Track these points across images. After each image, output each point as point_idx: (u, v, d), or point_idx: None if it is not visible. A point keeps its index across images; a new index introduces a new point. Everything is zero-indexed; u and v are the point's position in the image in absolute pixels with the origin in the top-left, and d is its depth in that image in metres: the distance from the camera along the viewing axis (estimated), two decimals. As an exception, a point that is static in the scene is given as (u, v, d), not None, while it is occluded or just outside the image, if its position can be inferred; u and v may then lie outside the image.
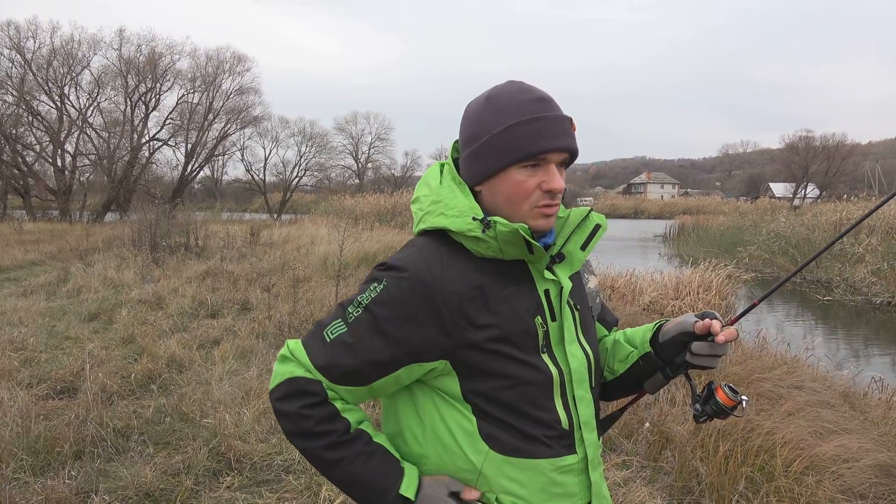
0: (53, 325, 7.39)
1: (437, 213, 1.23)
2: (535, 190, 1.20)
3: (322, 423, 1.18)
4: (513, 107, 1.20)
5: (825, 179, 54.23)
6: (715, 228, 26.89)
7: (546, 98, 1.23)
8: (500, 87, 1.26)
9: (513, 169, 1.20)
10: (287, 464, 3.82)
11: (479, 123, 1.23)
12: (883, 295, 13.03)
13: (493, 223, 1.17)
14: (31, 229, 22.94)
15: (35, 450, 3.80)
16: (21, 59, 34.82)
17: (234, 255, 13.62)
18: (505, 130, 1.19)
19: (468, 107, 1.29)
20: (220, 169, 50.29)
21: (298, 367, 1.21)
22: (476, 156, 1.23)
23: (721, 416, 1.32)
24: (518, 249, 1.20)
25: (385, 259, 1.25)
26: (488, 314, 1.18)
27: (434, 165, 1.34)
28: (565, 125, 1.22)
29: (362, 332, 1.18)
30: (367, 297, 1.19)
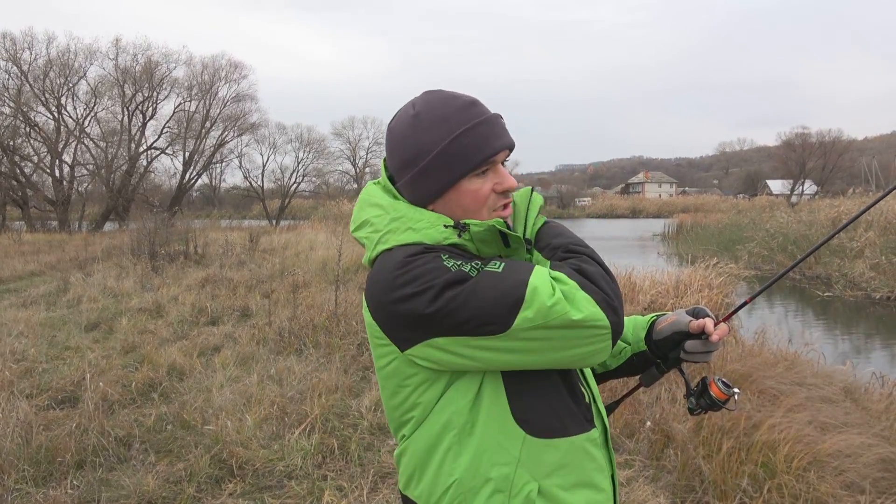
0: (54, 336, 7.38)
1: (402, 230, 1.18)
2: (490, 194, 1.20)
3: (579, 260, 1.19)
4: (447, 118, 1.17)
5: (822, 176, 54.26)
6: (713, 226, 26.88)
7: (475, 101, 1.22)
8: (425, 101, 1.22)
9: (465, 180, 1.18)
10: (289, 469, 3.81)
11: (416, 143, 1.18)
12: (882, 289, 13.03)
13: (467, 225, 1.16)
14: (30, 240, 22.91)
15: (36, 460, 3.80)
16: (17, 71, 34.88)
17: (233, 262, 13.62)
18: (451, 143, 1.16)
19: (394, 128, 1.24)
20: (218, 176, 50.36)
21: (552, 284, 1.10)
22: (423, 175, 1.18)
23: (715, 409, 1.37)
24: (494, 246, 1.20)
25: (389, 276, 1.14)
26: None
27: (370, 186, 1.30)
28: (501, 121, 1.23)
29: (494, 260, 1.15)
30: (458, 263, 1.11)
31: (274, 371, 5.58)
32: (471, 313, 1.07)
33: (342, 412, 4.64)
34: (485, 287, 1.07)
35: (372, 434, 4.32)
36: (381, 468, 3.81)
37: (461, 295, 1.07)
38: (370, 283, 1.18)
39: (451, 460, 1.17)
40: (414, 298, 1.09)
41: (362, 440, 4.20)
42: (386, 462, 3.87)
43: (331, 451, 4.02)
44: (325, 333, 6.78)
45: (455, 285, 1.08)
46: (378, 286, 1.15)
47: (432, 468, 1.19)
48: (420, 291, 1.08)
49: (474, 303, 1.07)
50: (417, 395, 1.20)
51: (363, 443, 4.18)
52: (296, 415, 4.51)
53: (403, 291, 1.10)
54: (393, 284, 1.11)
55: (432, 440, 1.19)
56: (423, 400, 1.19)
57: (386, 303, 1.13)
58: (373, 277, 1.18)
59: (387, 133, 1.26)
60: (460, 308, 1.07)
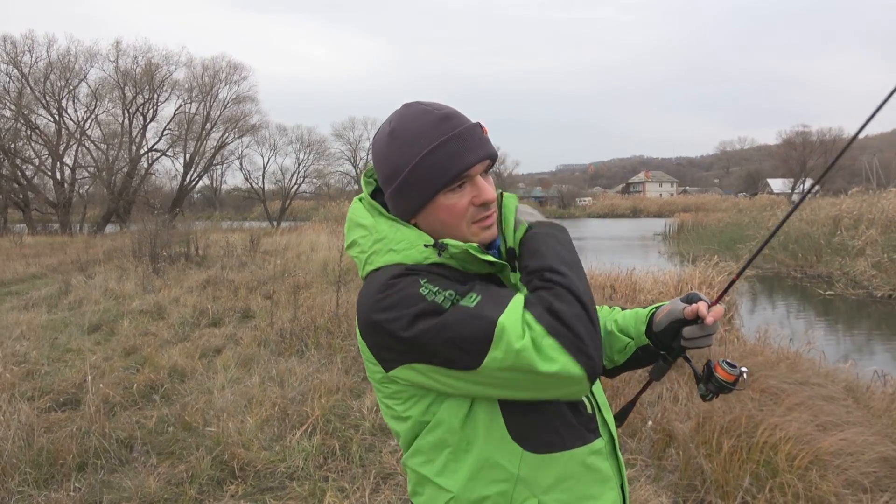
0: (55, 338, 7.39)
1: (384, 252, 1.19)
2: (468, 207, 1.20)
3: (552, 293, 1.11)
4: (419, 135, 1.17)
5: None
6: (714, 226, 26.88)
7: (450, 114, 1.20)
8: (400, 117, 1.22)
9: (440, 196, 1.18)
10: (290, 470, 3.82)
11: (390, 161, 1.20)
12: (884, 288, 13.01)
13: (445, 245, 1.15)
14: (31, 243, 22.95)
15: (38, 462, 3.80)
16: (18, 74, 34.91)
17: (234, 263, 13.63)
18: (420, 162, 1.16)
19: (375, 143, 1.26)
20: (219, 178, 50.43)
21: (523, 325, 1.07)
22: (399, 193, 1.20)
23: (725, 391, 1.36)
24: (478, 265, 1.19)
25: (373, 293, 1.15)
26: None
27: (354, 202, 1.31)
28: (477, 133, 1.20)
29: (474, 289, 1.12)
30: (435, 290, 1.10)
31: (275, 372, 5.58)
32: (441, 348, 1.08)
33: (343, 413, 4.64)
34: (455, 322, 1.07)
35: (373, 435, 4.32)
36: (382, 469, 3.81)
37: (433, 328, 1.08)
38: (358, 304, 1.20)
39: (447, 477, 1.19)
40: (391, 323, 1.10)
41: (364, 441, 4.20)
42: (388, 463, 3.87)
43: (332, 452, 4.02)
44: (327, 334, 6.79)
45: (427, 316, 1.08)
46: (363, 307, 1.16)
47: (430, 484, 1.21)
48: (395, 318, 1.10)
49: (445, 336, 1.07)
50: (405, 409, 1.21)
51: (365, 444, 4.18)
52: (297, 416, 4.51)
53: (382, 316, 1.11)
54: (375, 307, 1.13)
55: (428, 456, 1.21)
56: (413, 414, 1.20)
57: (369, 325, 1.15)
58: (360, 298, 1.19)
59: (371, 147, 1.28)
60: (432, 341, 1.08)
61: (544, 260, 1.16)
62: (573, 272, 1.14)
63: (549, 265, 1.14)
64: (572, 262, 1.16)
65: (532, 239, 1.21)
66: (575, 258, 1.18)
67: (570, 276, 1.12)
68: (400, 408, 1.21)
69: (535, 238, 1.21)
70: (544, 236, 1.21)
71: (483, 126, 1.23)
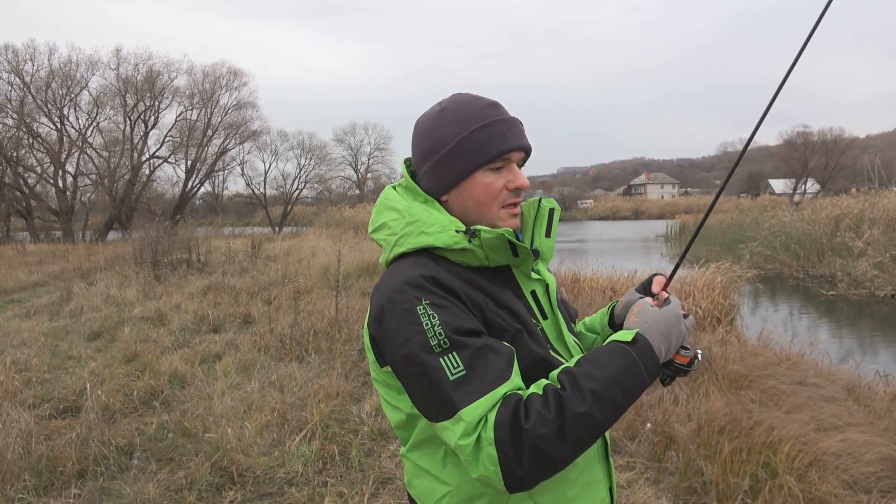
0: (56, 345, 7.40)
1: (416, 234, 1.22)
2: (502, 190, 1.25)
3: (547, 411, 1.05)
4: (470, 114, 1.25)
5: (825, 174, 54.14)
6: (716, 227, 26.82)
7: (497, 103, 1.29)
8: (451, 100, 1.30)
9: (479, 172, 1.24)
10: (290, 476, 3.81)
11: (437, 133, 1.26)
12: (886, 288, 12.97)
13: (477, 231, 1.19)
14: (33, 250, 22.99)
15: (38, 470, 3.80)
16: (20, 82, 34.98)
17: (235, 269, 13.64)
18: (469, 136, 1.23)
19: (420, 122, 1.32)
20: (220, 184, 50.35)
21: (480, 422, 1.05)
22: (440, 165, 1.25)
23: (681, 374, 1.36)
24: (503, 255, 1.23)
25: (385, 290, 1.19)
26: (501, 319, 1.19)
27: (387, 190, 1.34)
28: (519, 125, 1.28)
29: (466, 343, 1.10)
30: (431, 323, 1.11)
31: (275, 378, 5.58)
32: (412, 390, 1.15)
33: (343, 418, 4.64)
34: (431, 381, 1.09)
35: (373, 440, 4.32)
36: (381, 474, 3.80)
37: (411, 371, 1.12)
38: (376, 289, 1.23)
39: (446, 471, 1.21)
40: (385, 333, 1.16)
41: (363, 446, 4.20)
42: (387, 468, 3.86)
43: (331, 457, 4.02)
44: (327, 339, 6.79)
45: (409, 359, 1.11)
46: (379, 297, 1.20)
47: (428, 476, 1.24)
48: (390, 333, 1.15)
49: (417, 384, 1.12)
50: (398, 401, 1.25)
51: (364, 448, 4.18)
52: (296, 421, 4.51)
53: (384, 320, 1.17)
54: (384, 307, 1.17)
55: (427, 450, 1.24)
56: (404, 407, 1.23)
57: (375, 320, 1.20)
58: (381, 285, 1.23)
59: (413, 128, 1.33)
60: (408, 380, 1.15)
61: (594, 369, 1.11)
62: (598, 408, 1.07)
63: (588, 375, 1.10)
64: (611, 400, 1.08)
65: (618, 344, 1.17)
66: (619, 399, 1.10)
67: (589, 408, 1.06)
68: (392, 398, 1.25)
69: (621, 350, 1.16)
70: (628, 360, 1.14)
71: (522, 124, 1.31)
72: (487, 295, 1.20)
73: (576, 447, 1.06)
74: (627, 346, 1.14)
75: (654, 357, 1.16)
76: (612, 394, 1.08)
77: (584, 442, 1.07)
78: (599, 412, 1.06)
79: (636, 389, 1.12)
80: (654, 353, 1.16)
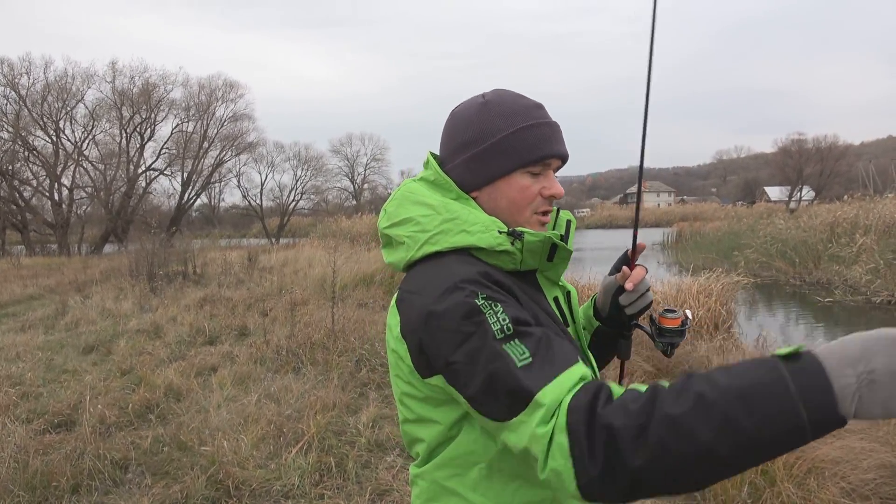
0: (51, 359, 7.36)
1: (456, 232, 1.13)
2: (537, 196, 1.21)
3: (634, 402, 0.86)
4: (517, 111, 1.20)
5: (820, 181, 54.40)
6: (712, 234, 26.89)
7: (542, 105, 1.24)
8: (495, 93, 1.24)
9: (518, 173, 1.19)
10: (286, 489, 3.79)
11: (479, 125, 1.20)
12: (882, 293, 13.01)
13: (522, 234, 1.14)
14: (29, 264, 22.93)
15: (32, 485, 3.77)
16: (16, 96, 35.10)
17: (231, 281, 13.62)
18: (514, 133, 1.17)
19: (459, 112, 1.25)
20: (216, 196, 50.45)
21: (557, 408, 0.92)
22: (479, 159, 1.19)
23: (677, 337, 1.35)
24: (538, 259, 1.19)
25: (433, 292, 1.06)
26: (548, 318, 1.15)
27: (412, 183, 1.24)
28: (560, 131, 1.24)
29: (530, 332, 1.01)
30: (493, 312, 1.01)
31: (273, 389, 5.55)
32: (475, 392, 1.00)
33: (339, 429, 4.62)
34: (498, 372, 0.97)
35: (370, 451, 4.29)
36: (378, 486, 3.78)
37: (474, 368, 0.99)
38: (409, 293, 1.12)
39: (480, 493, 1.11)
40: (439, 334, 1.04)
41: (360, 457, 4.18)
42: (384, 479, 3.84)
43: (328, 469, 4.00)
44: (323, 351, 6.76)
45: (473, 354, 1.00)
46: (419, 302, 1.08)
47: (454, 497, 1.13)
48: (446, 333, 1.03)
49: (482, 381, 0.99)
50: (435, 414, 1.13)
51: (361, 460, 4.15)
52: (293, 433, 4.48)
53: (435, 321, 1.04)
54: (432, 309, 1.05)
55: (456, 470, 1.12)
56: (443, 420, 1.12)
57: (422, 324, 1.06)
58: (416, 288, 1.11)
59: (449, 118, 1.26)
60: (470, 380, 1.00)
61: (717, 374, 0.84)
62: (701, 417, 0.80)
63: (707, 379, 0.84)
64: (723, 413, 0.79)
65: (771, 358, 0.82)
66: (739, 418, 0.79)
67: (686, 412, 0.81)
68: (430, 412, 1.12)
69: (768, 363, 0.82)
70: (771, 376, 0.80)
71: None
72: (529, 297, 1.15)
73: (660, 460, 0.81)
74: (779, 360, 0.81)
75: (823, 388, 0.77)
76: (727, 406, 0.79)
77: (672, 456, 0.81)
78: (701, 423, 0.79)
79: (772, 419, 0.77)
80: (826, 383, 0.77)
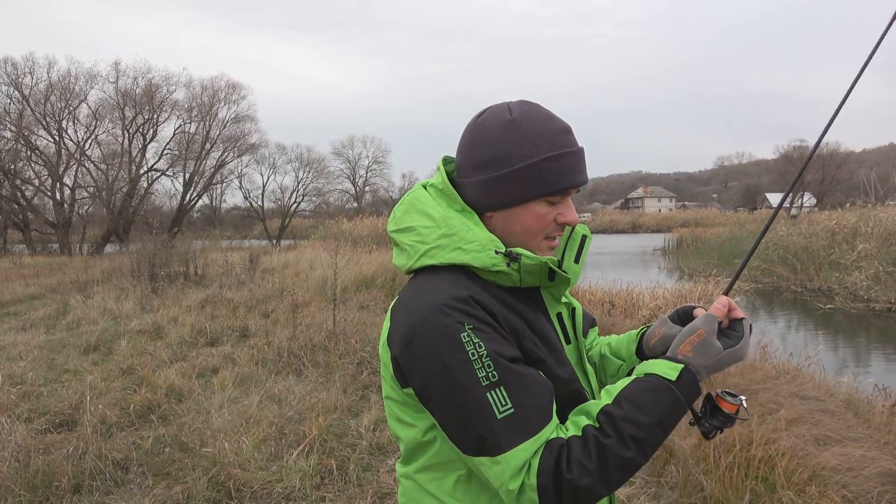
0: (53, 359, 7.36)
1: (451, 248, 1.14)
2: (551, 222, 1.19)
3: (588, 459, 1.02)
4: (545, 137, 1.16)
5: (821, 188, 54.35)
6: (713, 240, 26.90)
7: (570, 129, 1.21)
8: (523, 111, 1.18)
9: (537, 202, 1.17)
10: (287, 491, 3.79)
11: (504, 146, 1.15)
12: (882, 301, 13.00)
13: (519, 256, 1.13)
14: (30, 263, 22.95)
15: (33, 485, 3.77)
16: (19, 95, 35.15)
17: (233, 282, 13.63)
18: (540, 162, 1.14)
19: (483, 126, 1.19)
20: (218, 197, 50.59)
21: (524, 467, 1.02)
22: (499, 183, 1.16)
23: (729, 424, 1.23)
24: (538, 278, 1.18)
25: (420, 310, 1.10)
26: (536, 347, 1.13)
27: (418, 189, 1.24)
28: (584, 158, 1.22)
29: (512, 377, 1.05)
30: (477, 352, 1.04)
31: (274, 391, 5.55)
32: (446, 419, 1.07)
33: (341, 432, 4.62)
34: (475, 416, 1.03)
35: (371, 454, 4.29)
36: (379, 489, 3.78)
37: (449, 402, 1.05)
38: (402, 305, 1.15)
39: (455, 499, 1.14)
40: (418, 357, 1.08)
41: (361, 460, 4.18)
42: (385, 482, 3.84)
43: (329, 471, 4.00)
44: (325, 353, 6.77)
45: (450, 388, 1.05)
46: (407, 318, 1.11)
47: (432, 500, 1.16)
48: (425, 358, 1.07)
49: (455, 416, 1.05)
50: (414, 419, 1.17)
51: (362, 463, 4.15)
52: (294, 435, 4.49)
53: (416, 343, 1.08)
54: (417, 329, 1.08)
55: (437, 474, 1.16)
56: (420, 425, 1.16)
57: (403, 342, 1.10)
58: (408, 302, 1.14)
59: (472, 127, 1.21)
60: (442, 410, 1.07)
61: (635, 413, 1.06)
62: (641, 453, 1.04)
63: (630, 420, 1.05)
64: (653, 442, 1.06)
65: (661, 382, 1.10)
66: (660, 439, 1.07)
67: (633, 455, 1.03)
68: (407, 416, 1.17)
69: (664, 390, 1.09)
70: (671, 400, 1.08)
71: None
72: (523, 319, 1.15)
73: (615, 487, 1.04)
74: (672, 385, 1.08)
75: (697, 389, 1.11)
76: (654, 437, 1.05)
77: (623, 482, 1.05)
78: (641, 456, 1.04)
79: (676, 423, 1.08)
80: (697, 387, 1.10)
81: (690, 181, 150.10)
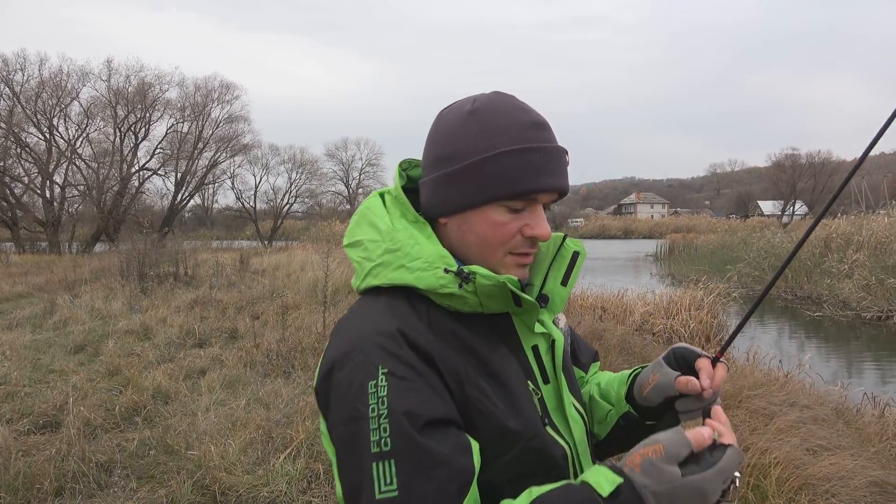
0: (38, 358, 7.27)
1: (395, 266, 0.97)
2: (515, 234, 0.99)
3: None
4: (505, 129, 0.97)
5: (812, 196, 54.76)
6: (705, 247, 27.01)
7: (543, 123, 1.00)
8: (488, 101, 1.01)
9: (492, 206, 0.97)
10: (273, 495, 3.74)
11: (458, 141, 0.98)
12: (872, 310, 13.06)
13: (472, 276, 0.94)
14: (18, 261, 22.75)
15: (14, 487, 3.71)
16: (9, 92, 34.84)
17: (223, 283, 13.54)
18: (493, 157, 0.95)
19: (443, 118, 1.04)
20: (210, 197, 50.37)
21: None
22: (451, 181, 0.98)
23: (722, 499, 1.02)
24: (503, 303, 0.99)
25: (343, 343, 0.94)
26: (484, 395, 0.94)
27: (373, 197, 1.07)
28: (562, 159, 1.00)
29: (412, 451, 0.83)
30: (378, 410, 0.85)
31: (262, 394, 5.50)
32: (338, 471, 0.90)
33: (329, 436, 4.57)
34: (353, 485, 0.85)
35: (359, 458, 4.24)
36: (367, 494, 3.73)
37: (339, 457, 0.89)
38: (337, 329, 1.00)
39: None
40: (329, 396, 0.93)
41: (349, 465, 4.13)
42: (372, 487, 3.79)
43: (316, 476, 3.95)
44: (314, 355, 6.71)
45: (341, 444, 0.89)
46: (333, 349, 0.96)
47: None
48: (334, 398, 0.92)
49: (341, 475, 0.89)
50: None
51: (350, 467, 4.10)
52: (281, 439, 4.44)
53: (332, 378, 0.92)
54: (335, 364, 0.93)
55: None
56: None
57: (323, 373, 0.95)
58: (341, 328, 1.00)
59: (434, 120, 1.05)
60: (337, 461, 0.90)
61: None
62: None
63: None
64: None
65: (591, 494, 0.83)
66: None
67: None
68: None
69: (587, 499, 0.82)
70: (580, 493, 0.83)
71: (568, 155, 1.03)
72: (474, 357, 0.96)
73: None
74: (600, 502, 0.81)
75: None
76: None
77: None
78: None
79: None
80: None
81: (683, 188, 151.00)
